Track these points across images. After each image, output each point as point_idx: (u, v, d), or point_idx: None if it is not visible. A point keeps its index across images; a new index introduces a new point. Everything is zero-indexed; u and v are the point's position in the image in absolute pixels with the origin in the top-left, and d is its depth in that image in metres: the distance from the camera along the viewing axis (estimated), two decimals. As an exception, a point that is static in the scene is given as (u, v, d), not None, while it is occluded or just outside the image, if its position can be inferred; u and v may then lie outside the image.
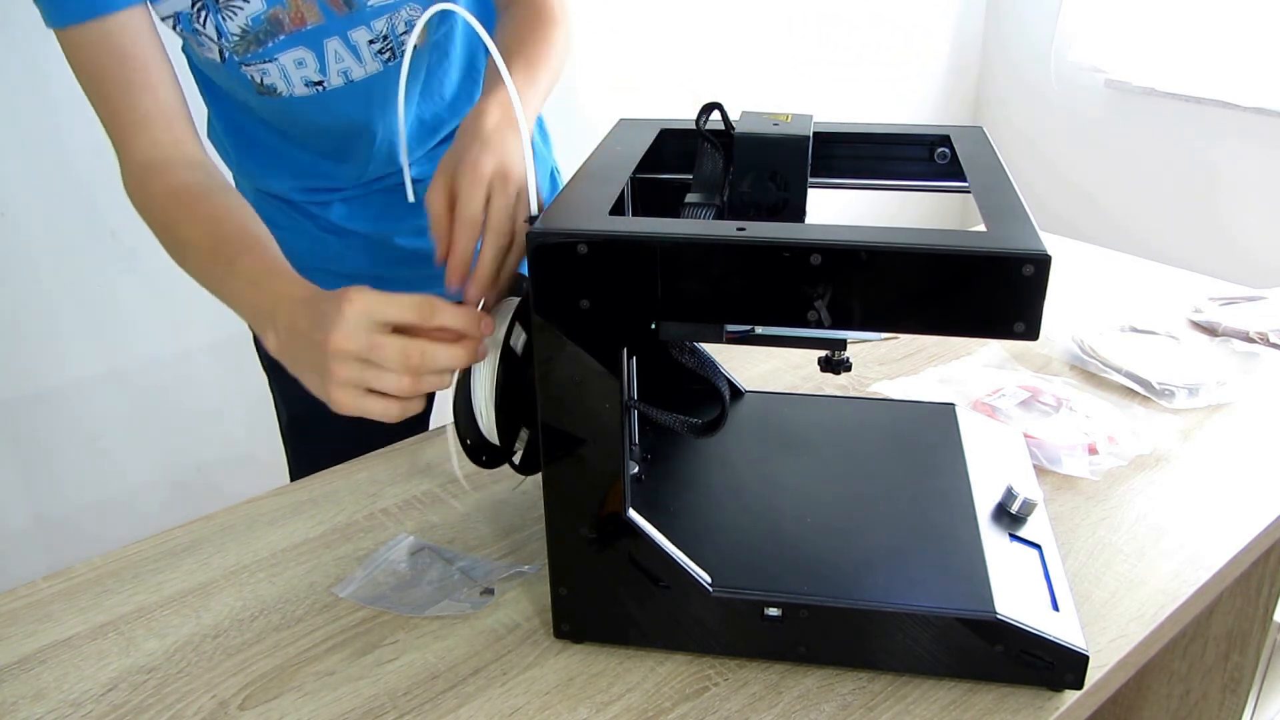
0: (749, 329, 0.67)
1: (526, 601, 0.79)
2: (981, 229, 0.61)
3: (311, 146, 1.01)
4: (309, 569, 0.83)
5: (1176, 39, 2.63)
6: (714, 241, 0.60)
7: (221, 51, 0.87)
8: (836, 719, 0.67)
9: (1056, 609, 0.70)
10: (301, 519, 0.90)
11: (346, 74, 0.92)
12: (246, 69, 0.88)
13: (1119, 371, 1.08)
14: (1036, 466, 0.92)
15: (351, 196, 1.05)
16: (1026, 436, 0.94)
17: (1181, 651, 1.25)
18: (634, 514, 0.69)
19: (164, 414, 1.89)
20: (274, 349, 0.73)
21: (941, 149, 0.78)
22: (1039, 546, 0.76)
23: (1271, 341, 1.15)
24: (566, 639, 0.74)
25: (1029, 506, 0.77)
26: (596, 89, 2.25)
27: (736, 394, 0.93)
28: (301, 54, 0.89)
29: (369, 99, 0.95)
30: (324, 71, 0.91)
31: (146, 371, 1.84)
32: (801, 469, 0.83)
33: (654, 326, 0.64)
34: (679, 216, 0.72)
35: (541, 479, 0.69)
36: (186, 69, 0.96)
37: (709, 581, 0.70)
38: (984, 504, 0.78)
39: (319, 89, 0.91)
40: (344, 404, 0.68)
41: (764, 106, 0.77)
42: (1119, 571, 0.80)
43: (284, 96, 0.91)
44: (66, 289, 1.71)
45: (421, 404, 0.70)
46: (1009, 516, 0.78)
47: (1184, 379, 1.06)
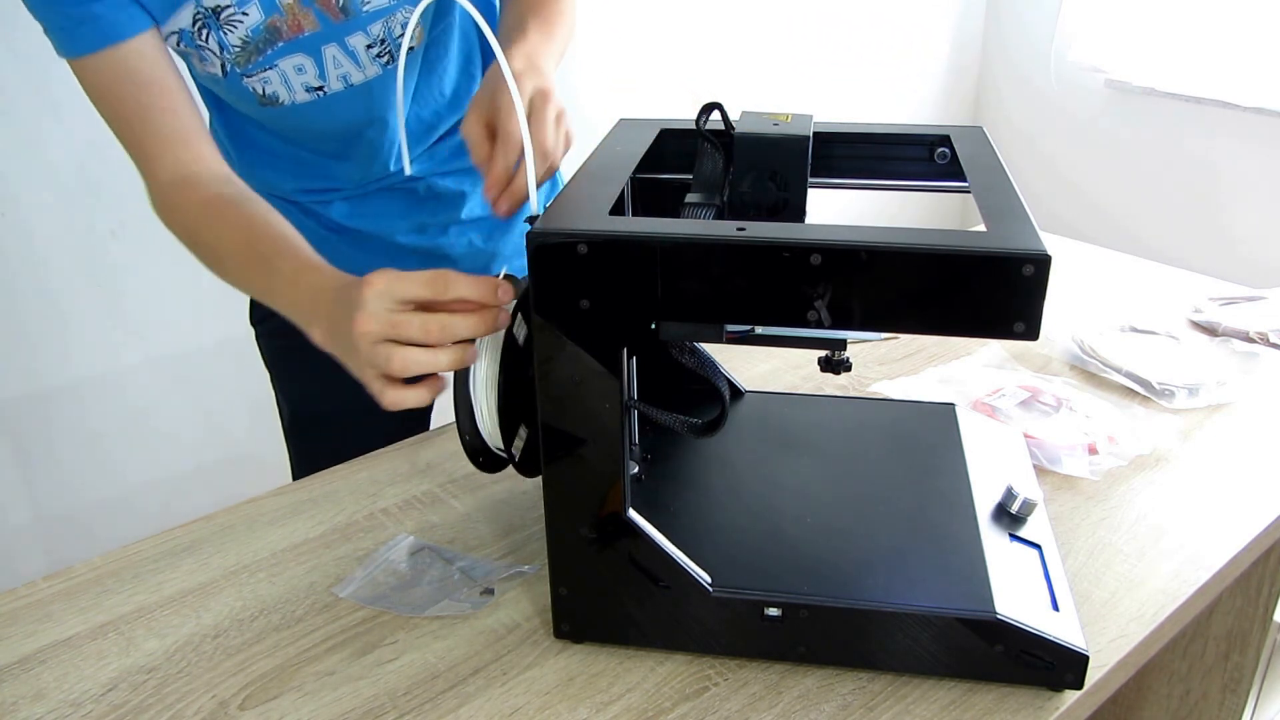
0: (749, 329, 0.67)
1: (526, 601, 0.79)
2: (981, 229, 0.61)
3: (312, 148, 1.01)
4: (309, 569, 0.83)
5: (1176, 39, 2.63)
6: (714, 241, 0.60)
7: (224, 66, 0.87)
8: (836, 719, 0.67)
9: (1056, 609, 0.70)
10: (301, 519, 0.90)
11: (346, 78, 0.92)
12: (248, 80, 0.89)
13: (1119, 371, 1.08)
14: (1036, 466, 0.92)
15: (352, 195, 1.05)
16: (1026, 436, 0.94)
17: (1181, 651, 1.25)
18: (634, 514, 0.69)
19: (165, 414, 1.89)
20: (321, 343, 0.75)
21: (941, 149, 0.78)
22: (1039, 546, 0.76)
23: (1271, 341, 1.15)
24: (566, 639, 0.74)
25: (1029, 506, 0.77)
26: (596, 89, 2.25)
27: (736, 394, 0.93)
28: (300, 60, 0.89)
29: (369, 101, 0.95)
30: (323, 77, 0.91)
31: (147, 371, 1.84)
32: (801, 469, 0.83)
33: (654, 326, 0.64)
34: (679, 216, 0.72)
35: (541, 479, 0.69)
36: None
37: (709, 581, 0.70)
38: (984, 504, 0.78)
39: (319, 94, 0.92)
40: (381, 393, 0.70)
41: (764, 106, 0.77)
42: (1119, 571, 0.80)
43: (286, 105, 0.92)
44: (67, 289, 1.71)
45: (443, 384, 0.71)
46: (1009, 516, 0.78)
47: (1184, 379, 1.06)
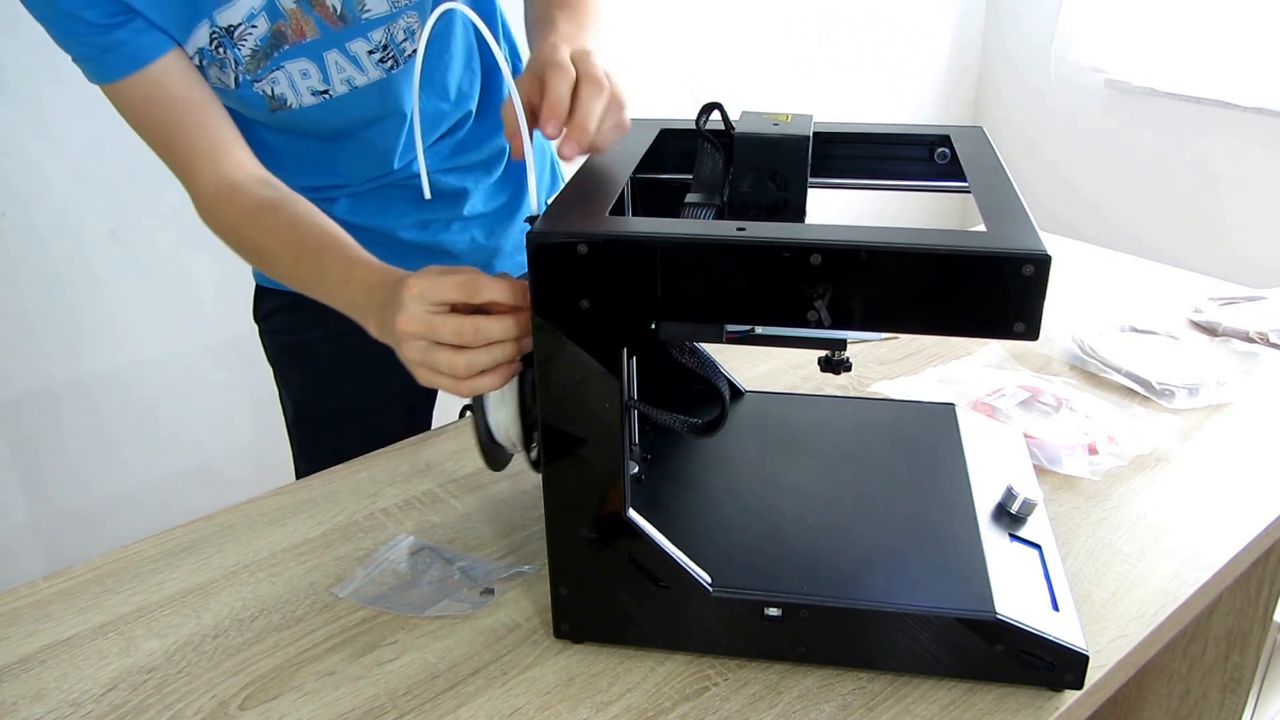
0: (749, 329, 0.67)
1: (526, 601, 0.79)
2: (981, 229, 0.61)
3: (318, 147, 1.01)
4: (309, 569, 0.83)
5: (1176, 39, 2.63)
6: (714, 241, 0.60)
7: (236, 77, 0.89)
8: (836, 719, 0.67)
9: (1056, 609, 0.70)
10: (302, 519, 0.90)
11: (350, 81, 0.93)
12: (257, 85, 0.90)
13: (1119, 371, 1.08)
14: (1036, 466, 0.92)
15: (356, 192, 1.05)
16: (1026, 436, 0.94)
17: (1181, 651, 1.25)
18: (634, 514, 0.69)
19: (166, 414, 1.89)
20: (376, 335, 0.76)
21: (941, 149, 0.79)
22: (1039, 546, 0.76)
23: (1271, 341, 1.15)
24: (566, 639, 0.74)
25: (1029, 506, 0.77)
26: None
27: (736, 394, 0.93)
28: (305, 65, 0.90)
29: (374, 103, 0.96)
30: (327, 81, 0.92)
31: (149, 371, 1.84)
32: (801, 469, 0.83)
33: (654, 326, 0.64)
34: (679, 216, 0.72)
35: (541, 479, 0.69)
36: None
37: (709, 581, 0.70)
38: (984, 504, 0.78)
39: (325, 97, 0.93)
40: (426, 382, 0.71)
41: (764, 106, 0.77)
42: (1119, 571, 0.80)
43: (294, 109, 0.93)
44: (68, 289, 1.71)
45: (496, 380, 0.70)
46: (1009, 516, 0.78)
47: (1184, 379, 1.06)
